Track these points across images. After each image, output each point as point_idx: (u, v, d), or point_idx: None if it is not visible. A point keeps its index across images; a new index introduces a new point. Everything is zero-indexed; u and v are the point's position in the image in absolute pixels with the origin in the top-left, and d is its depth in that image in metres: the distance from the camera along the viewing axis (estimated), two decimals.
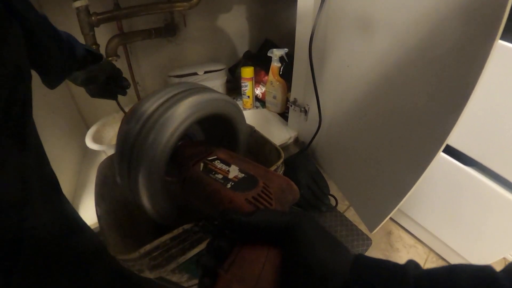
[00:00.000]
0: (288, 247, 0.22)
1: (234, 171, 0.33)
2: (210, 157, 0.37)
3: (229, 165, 0.35)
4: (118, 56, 0.83)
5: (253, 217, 0.24)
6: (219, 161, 0.36)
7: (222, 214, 0.25)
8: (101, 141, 0.79)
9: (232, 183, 0.31)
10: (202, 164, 0.35)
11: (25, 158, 0.26)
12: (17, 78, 0.25)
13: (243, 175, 0.33)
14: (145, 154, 0.33)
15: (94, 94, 0.55)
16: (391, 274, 0.19)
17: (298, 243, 0.21)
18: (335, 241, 0.22)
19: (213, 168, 0.34)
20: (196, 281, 0.55)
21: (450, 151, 0.65)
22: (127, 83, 0.57)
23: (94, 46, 0.73)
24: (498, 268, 0.18)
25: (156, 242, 0.38)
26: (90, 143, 0.72)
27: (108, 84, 0.54)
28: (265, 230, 0.23)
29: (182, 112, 0.35)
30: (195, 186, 0.34)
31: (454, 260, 0.77)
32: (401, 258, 0.79)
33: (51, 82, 0.43)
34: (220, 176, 0.33)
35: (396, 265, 0.20)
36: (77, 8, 0.68)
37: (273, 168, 0.51)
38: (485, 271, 0.17)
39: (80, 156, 0.86)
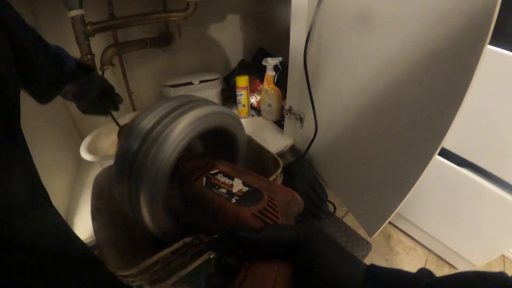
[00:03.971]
0: (299, 262, 0.22)
1: (238, 185, 0.33)
2: (212, 170, 0.36)
3: (232, 179, 0.34)
4: (113, 65, 0.83)
5: (263, 234, 0.23)
6: (221, 174, 0.35)
7: (231, 232, 0.25)
8: (96, 151, 0.77)
9: (237, 198, 0.31)
10: (204, 179, 0.34)
11: (13, 166, 0.26)
12: (1, 87, 0.25)
13: (247, 188, 0.32)
14: (146, 172, 0.33)
15: (86, 110, 0.54)
16: (405, 284, 0.19)
17: (310, 257, 0.21)
18: (346, 253, 0.22)
19: (216, 182, 0.34)
20: None
21: (445, 153, 0.66)
22: (119, 98, 0.56)
23: (89, 55, 0.73)
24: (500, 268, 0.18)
25: (156, 257, 0.37)
26: (84, 154, 0.71)
27: (101, 99, 0.54)
28: (276, 246, 0.23)
29: (183, 128, 0.34)
30: (198, 202, 0.33)
31: (453, 260, 0.78)
32: (401, 261, 0.79)
33: (41, 96, 0.43)
34: (224, 190, 0.32)
35: (409, 274, 0.20)
36: (73, 18, 0.68)
37: (272, 178, 0.51)
38: (499, 276, 0.17)
39: (75, 167, 0.84)
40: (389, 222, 0.88)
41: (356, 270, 0.20)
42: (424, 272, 0.20)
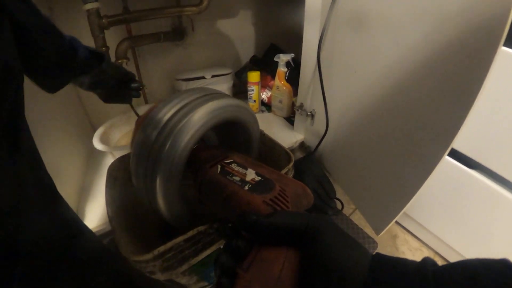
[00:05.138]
0: (307, 248, 0.22)
1: (251, 174, 0.34)
2: (227, 160, 0.37)
3: (245, 168, 0.35)
4: (128, 58, 0.84)
5: (273, 218, 0.24)
6: (235, 164, 0.36)
7: (242, 215, 0.25)
8: (108, 142, 0.79)
9: (250, 186, 0.31)
10: (219, 167, 0.35)
11: (18, 162, 0.26)
12: (6, 77, 0.25)
13: (259, 178, 0.33)
14: (163, 160, 0.34)
15: (107, 99, 0.55)
16: (410, 272, 0.19)
17: (317, 245, 0.22)
18: (353, 242, 0.22)
19: (230, 170, 0.35)
20: (204, 283, 0.55)
21: (454, 154, 0.66)
22: (137, 84, 0.56)
23: (103, 48, 0.74)
24: None
25: (170, 244, 0.38)
26: (97, 144, 0.72)
27: (120, 88, 0.54)
28: (285, 231, 0.23)
29: (199, 119, 0.35)
30: (212, 188, 0.34)
31: None
32: None
33: (48, 85, 0.43)
34: (237, 178, 0.33)
35: (414, 262, 0.20)
36: (88, 11, 0.69)
37: (284, 171, 0.51)
38: (503, 262, 0.17)
39: (86, 157, 0.86)
40: (396, 222, 0.88)
41: (362, 258, 0.21)
42: (428, 261, 0.20)
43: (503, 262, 0.17)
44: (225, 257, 0.24)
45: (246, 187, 0.31)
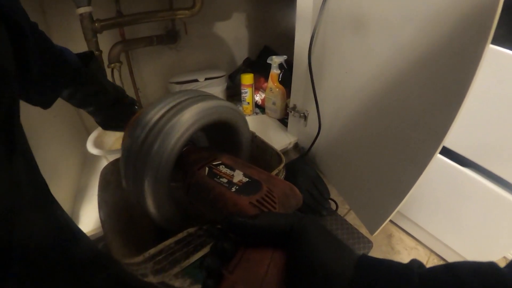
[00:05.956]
0: (292, 249, 0.23)
1: (238, 176, 0.34)
2: (215, 162, 0.37)
3: (233, 170, 0.35)
4: (120, 62, 0.84)
5: (257, 220, 0.24)
6: (223, 166, 0.36)
7: (227, 217, 0.25)
8: (102, 146, 0.79)
9: (237, 187, 0.31)
10: (207, 169, 0.36)
11: (14, 163, 0.26)
12: (3, 80, 0.25)
13: (247, 179, 0.33)
14: (151, 162, 0.34)
15: (103, 121, 0.53)
16: (396, 273, 0.19)
17: (302, 245, 0.22)
18: (339, 243, 0.22)
19: (218, 172, 0.35)
20: (198, 286, 0.55)
21: (448, 152, 0.66)
22: (133, 108, 0.53)
23: (97, 52, 0.74)
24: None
25: (161, 246, 0.38)
26: (91, 148, 0.72)
27: (114, 109, 0.52)
28: (270, 232, 0.24)
29: (187, 120, 0.36)
30: (200, 190, 0.34)
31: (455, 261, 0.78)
32: (402, 260, 0.78)
33: (43, 99, 0.42)
34: (224, 180, 0.33)
35: (400, 264, 0.20)
36: (81, 15, 0.69)
37: (274, 172, 0.51)
38: (489, 266, 0.17)
39: (81, 161, 0.86)
40: (391, 221, 0.88)
41: (348, 259, 0.21)
42: (415, 263, 0.20)
43: (490, 265, 0.17)
44: (211, 259, 0.24)
45: (233, 189, 0.31)
